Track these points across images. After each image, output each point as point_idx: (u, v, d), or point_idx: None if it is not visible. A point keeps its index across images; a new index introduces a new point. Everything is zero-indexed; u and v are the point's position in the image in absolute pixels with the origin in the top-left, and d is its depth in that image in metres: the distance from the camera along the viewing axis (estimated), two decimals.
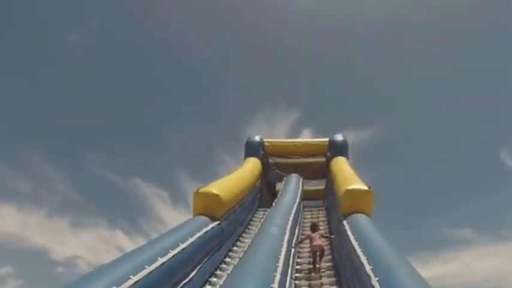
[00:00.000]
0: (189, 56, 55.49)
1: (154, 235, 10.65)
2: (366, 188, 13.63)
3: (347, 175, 16.99)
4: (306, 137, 29.48)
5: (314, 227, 13.56)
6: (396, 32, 53.21)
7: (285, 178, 21.94)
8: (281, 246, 10.41)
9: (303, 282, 11.94)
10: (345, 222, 12.14)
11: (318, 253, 12.50)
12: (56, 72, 49.50)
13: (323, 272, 12.37)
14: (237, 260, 11.79)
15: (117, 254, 8.22)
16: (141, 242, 9.59)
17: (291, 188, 19.35)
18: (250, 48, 55.56)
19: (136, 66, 54.27)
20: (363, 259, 8.55)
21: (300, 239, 14.39)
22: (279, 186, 21.90)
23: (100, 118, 52.48)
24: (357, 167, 19.03)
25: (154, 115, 55.97)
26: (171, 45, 55.11)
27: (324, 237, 13.55)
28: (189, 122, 56.33)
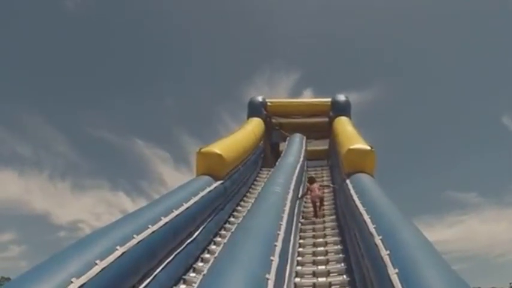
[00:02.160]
0: (188, 18, 55.03)
1: (156, 196, 10.69)
2: (368, 147, 13.60)
3: (350, 135, 16.95)
4: (307, 97, 29.36)
5: (311, 180, 15.68)
6: None
7: (288, 138, 21.90)
8: (284, 205, 10.41)
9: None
10: (348, 181, 12.16)
11: (317, 203, 14.24)
12: (53, 34, 49.11)
13: (324, 216, 14.07)
14: (241, 219, 11.87)
15: (120, 217, 8.28)
16: (144, 203, 9.62)
17: (295, 148, 19.30)
18: (248, 9, 55.05)
19: (136, 27, 53.87)
20: (366, 218, 8.56)
21: (303, 192, 15.13)
22: (283, 146, 21.88)
23: (98, 79, 52.39)
24: (358, 127, 19.02)
25: (153, 74, 55.83)
26: (170, 8, 54.58)
27: (323, 186, 15.90)
28: (189, 81, 56.26)
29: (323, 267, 10.47)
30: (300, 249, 11.47)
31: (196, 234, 10.51)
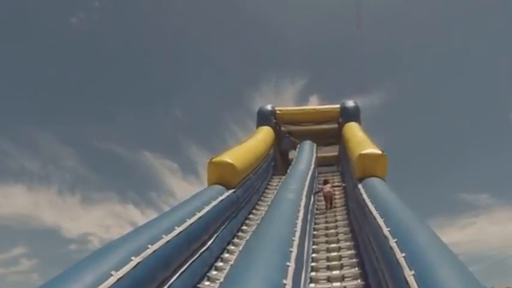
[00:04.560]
0: (192, 26, 55.16)
1: (165, 208, 10.74)
2: (379, 152, 13.58)
3: (360, 140, 16.94)
4: (314, 104, 29.38)
5: (325, 181, 17.35)
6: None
7: (298, 145, 21.89)
8: (298, 211, 10.41)
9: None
10: (360, 186, 12.14)
11: (328, 200, 15.88)
12: (59, 50, 49.46)
13: (335, 209, 15.61)
14: (254, 227, 11.85)
15: (129, 229, 8.28)
16: (153, 215, 9.64)
17: (305, 155, 19.32)
18: (253, 15, 55.13)
19: (140, 40, 54.14)
20: (380, 221, 8.54)
21: (317, 190, 16.73)
22: (292, 154, 21.88)
23: (104, 92, 52.56)
24: (367, 132, 19.04)
25: (158, 86, 55.96)
26: (175, 17, 54.79)
27: (336, 186, 17.59)
28: (195, 92, 56.35)
29: (337, 272, 10.43)
30: (314, 255, 11.44)
31: (209, 243, 10.51)
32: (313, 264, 10.86)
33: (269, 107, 24.41)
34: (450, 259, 6.19)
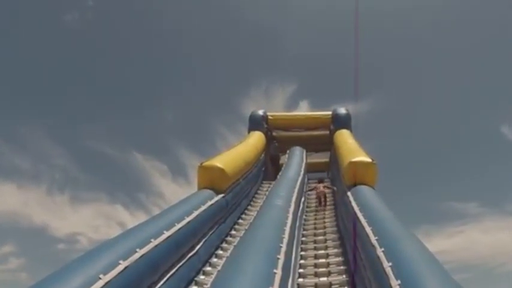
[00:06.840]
0: (185, 30, 55.08)
1: (154, 209, 10.70)
2: (369, 160, 13.65)
3: (351, 148, 17.03)
4: (304, 109, 29.56)
5: (320, 181, 18.51)
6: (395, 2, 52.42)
7: (288, 151, 21.96)
8: (286, 217, 10.43)
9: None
10: (349, 193, 12.19)
11: (321, 198, 17.00)
12: (53, 48, 49.23)
13: (326, 208, 16.66)
14: (243, 232, 11.85)
15: (117, 230, 8.27)
16: (141, 216, 9.61)
17: (295, 161, 19.39)
18: (244, 20, 55.17)
19: (134, 41, 54.04)
20: (368, 230, 8.59)
21: (309, 188, 17.99)
22: (283, 160, 21.94)
23: (96, 93, 52.33)
24: (357, 139, 19.17)
25: (149, 88, 55.81)
26: (165, 18, 54.73)
27: (328, 187, 18.05)
28: (185, 95, 56.24)
29: (325, 279, 10.47)
30: (302, 261, 11.47)
31: (198, 247, 10.49)
32: (300, 270, 10.89)
33: (261, 112, 24.47)
34: (436, 269, 6.24)
